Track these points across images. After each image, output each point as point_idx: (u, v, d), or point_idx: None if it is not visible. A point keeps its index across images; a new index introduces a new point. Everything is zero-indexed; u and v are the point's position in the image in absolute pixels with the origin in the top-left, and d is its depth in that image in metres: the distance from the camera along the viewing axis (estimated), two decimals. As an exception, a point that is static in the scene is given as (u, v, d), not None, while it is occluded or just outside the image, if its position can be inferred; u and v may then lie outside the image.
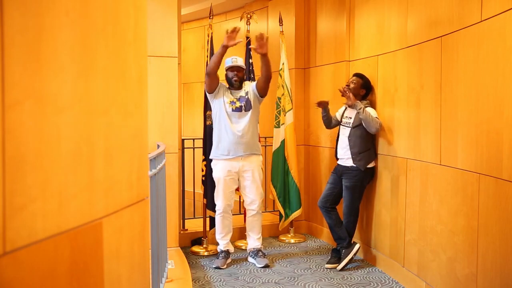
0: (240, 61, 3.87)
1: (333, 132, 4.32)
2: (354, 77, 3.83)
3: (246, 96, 3.83)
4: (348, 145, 3.74)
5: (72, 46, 0.90)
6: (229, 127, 3.74)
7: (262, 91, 3.82)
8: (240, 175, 3.84)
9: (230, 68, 3.84)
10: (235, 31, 3.55)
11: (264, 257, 3.93)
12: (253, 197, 3.90)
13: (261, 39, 3.55)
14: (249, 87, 3.90)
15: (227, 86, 3.91)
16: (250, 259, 3.98)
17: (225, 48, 3.59)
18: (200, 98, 5.53)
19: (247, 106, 3.81)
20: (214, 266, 3.81)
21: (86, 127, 0.97)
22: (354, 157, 3.70)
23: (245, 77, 4.03)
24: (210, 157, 3.90)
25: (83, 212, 0.95)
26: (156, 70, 3.94)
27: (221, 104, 3.78)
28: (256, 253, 3.94)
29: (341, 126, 3.90)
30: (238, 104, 3.78)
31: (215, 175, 3.85)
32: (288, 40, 4.79)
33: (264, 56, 3.61)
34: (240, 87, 3.87)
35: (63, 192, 0.87)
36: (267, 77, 3.72)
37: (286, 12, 4.90)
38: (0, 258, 0.71)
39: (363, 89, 3.81)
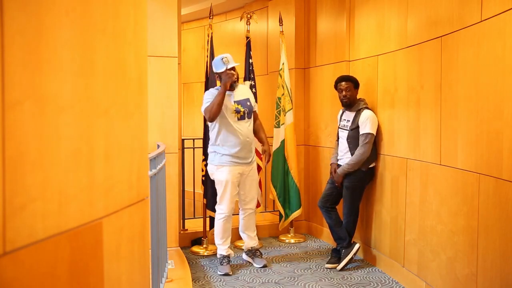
0: (232, 59, 3.70)
1: (333, 132, 4.32)
2: (344, 82, 3.76)
3: (249, 103, 3.78)
4: (348, 147, 3.74)
5: (72, 46, 0.90)
6: (239, 135, 3.66)
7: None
8: (243, 176, 3.79)
9: (225, 71, 3.65)
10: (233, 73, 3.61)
11: (262, 257, 3.94)
12: (253, 195, 3.88)
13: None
14: (250, 94, 3.85)
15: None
16: (247, 258, 3.96)
17: (225, 90, 3.58)
18: (200, 98, 5.53)
19: (249, 114, 3.78)
20: (221, 273, 3.66)
21: (86, 127, 0.97)
22: (354, 158, 3.70)
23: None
24: (216, 163, 3.71)
25: (83, 212, 0.95)
26: (156, 70, 3.94)
27: (224, 113, 3.64)
28: (254, 253, 3.93)
29: (339, 129, 3.90)
30: (242, 111, 3.71)
31: (222, 178, 3.68)
32: (288, 40, 4.79)
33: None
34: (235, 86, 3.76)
35: (63, 192, 0.87)
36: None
37: (286, 12, 4.90)
38: (0, 258, 0.71)
39: (357, 90, 3.80)
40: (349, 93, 3.74)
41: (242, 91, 3.84)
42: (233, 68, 3.69)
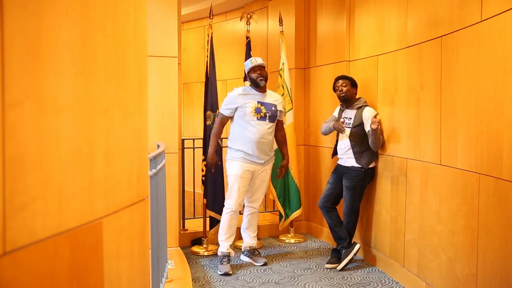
0: (260, 60, 3.78)
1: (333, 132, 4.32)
2: (341, 80, 3.82)
3: (274, 109, 3.78)
4: (350, 144, 3.75)
5: (72, 46, 0.90)
6: (254, 133, 3.68)
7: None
8: (254, 174, 3.80)
9: (253, 69, 3.74)
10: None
11: (261, 256, 3.97)
12: (259, 195, 3.90)
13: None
14: (279, 101, 3.87)
15: (250, 86, 3.81)
16: (246, 258, 3.97)
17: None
18: (200, 98, 5.53)
19: (272, 118, 3.77)
20: (221, 273, 3.65)
21: (86, 127, 0.97)
22: (356, 156, 3.71)
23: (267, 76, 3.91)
24: (229, 157, 3.78)
25: (83, 212, 0.95)
26: (156, 70, 3.94)
27: (244, 111, 3.69)
28: (253, 252, 3.96)
29: None
30: (263, 111, 3.71)
31: (232, 172, 3.73)
32: (288, 40, 4.79)
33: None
34: (265, 89, 3.79)
35: (63, 192, 0.87)
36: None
37: (286, 12, 4.90)
38: (0, 258, 0.71)
39: (354, 88, 3.84)
40: (346, 88, 3.79)
41: (273, 96, 3.86)
42: (260, 67, 3.75)
